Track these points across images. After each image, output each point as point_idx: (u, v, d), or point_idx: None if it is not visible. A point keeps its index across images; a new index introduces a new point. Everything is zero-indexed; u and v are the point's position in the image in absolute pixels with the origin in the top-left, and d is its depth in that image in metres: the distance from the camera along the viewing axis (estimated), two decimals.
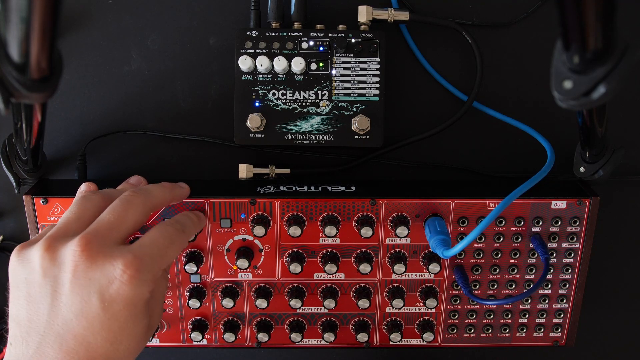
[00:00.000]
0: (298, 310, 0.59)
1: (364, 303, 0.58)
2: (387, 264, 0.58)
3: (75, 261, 0.41)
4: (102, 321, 0.41)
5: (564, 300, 0.60)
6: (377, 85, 0.56)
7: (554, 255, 0.58)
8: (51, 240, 0.43)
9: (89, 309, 0.41)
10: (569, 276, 0.59)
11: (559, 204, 0.56)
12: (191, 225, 0.51)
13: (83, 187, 0.52)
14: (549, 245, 0.57)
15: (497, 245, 0.57)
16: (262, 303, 0.57)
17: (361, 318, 0.60)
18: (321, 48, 0.56)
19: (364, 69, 0.56)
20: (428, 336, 0.60)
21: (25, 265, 0.43)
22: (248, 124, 0.56)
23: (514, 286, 0.59)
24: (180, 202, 0.54)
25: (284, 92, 0.56)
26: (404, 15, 0.56)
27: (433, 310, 0.60)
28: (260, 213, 0.55)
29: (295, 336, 0.59)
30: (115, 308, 0.42)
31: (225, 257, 0.57)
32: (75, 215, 0.46)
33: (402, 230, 0.55)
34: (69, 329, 0.41)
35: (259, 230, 0.55)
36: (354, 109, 0.57)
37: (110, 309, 0.42)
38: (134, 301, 0.42)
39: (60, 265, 0.42)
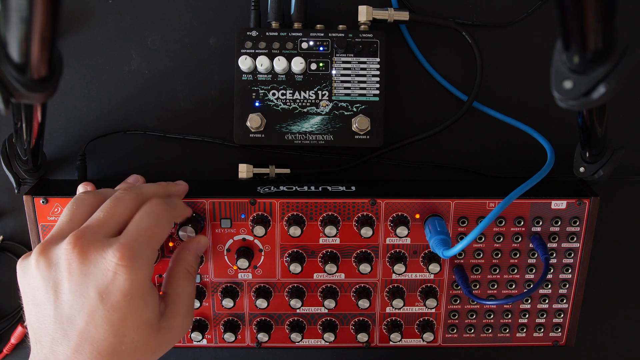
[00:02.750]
0: (298, 310, 0.59)
1: (364, 303, 0.58)
2: (387, 264, 0.58)
3: (68, 259, 0.42)
4: (103, 314, 0.42)
5: (564, 300, 0.60)
6: (377, 85, 0.56)
7: (554, 255, 0.58)
8: (45, 245, 0.44)
9: (89, 304, 0.42)
10: (569, 276, 0.59)
11: (559, 204, 0.56)
12: (174, 194, 0.52)
13: (80, 188, 0.52)
14: (549, 245, 0.57)
15: (497, 245, 0.57)
16: (262, 303, 0.57)
17: (361, 318, 0.60)
18: (321, 48, 0.56)
19: (364, 69, 0.56)
20: (428, 336, 0.60)
21: (26, 272, 0.44)
22: (248, 124, 0.56)
23: (514, 286, 0.59)
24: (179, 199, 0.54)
25: (284, 92, 0.56)
26: (404, 15, 0.56)
27: (433, 310, 0.60)
28: (260, 213, 0.55)
29: (295, 336, 0.59)
30: (113, 299, 0.42)
31: (225, 257, 0.57)
32: (67, 218, 0.46)
33: (402, 230, 0.55)
34: (74, 326, 0.42)
35: (259, 230, 0.55)
36: (354, 109, 0.57)
37: (108, 300, 0.42)
38: (131, 291, 0.43)
39: (55, 266, 0.43)
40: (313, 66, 0.56)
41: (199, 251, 0.52)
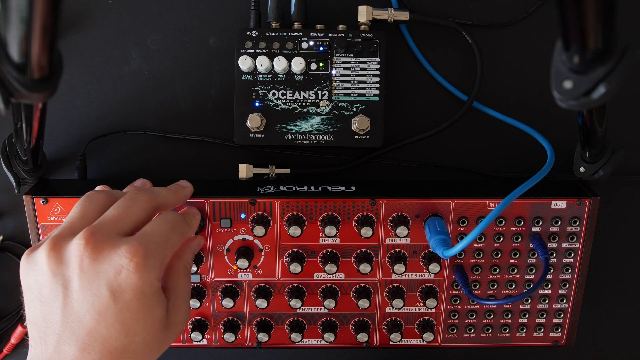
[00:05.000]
0: (298, 310, 0.59)
1: (364, 303, 0.58)
2: (387, 264, 0.58)
3: (81, 255, 0.41)
4: (114, 313, 0.41)
5: (564, 300, 0.60)
6: (377, 85, 0.56)
7: (554, 255, 0.58)
8: (56, 240, 0.43)
9: (100, 302, 0.41)
10: (569, 276, 0.59)
11: (559, 204, 0.56)
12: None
13: (97, 189, 0.52)
14: (549, 245, 0.57)
15: (497, 245, 0.57)
16: (262, 303, 0.57)
17: (361, 318, 0.60)
18: (321, 48, 0.56)
19: (364, 69, 0.56)
20: (428, 336, 0.60)
21: (33, 268, 0.43)
22: (248, 124, 0.56)
23: (514, 286, 0.59)
24: (184, 202, 0.54)
25: (284, 92, 0.56)
26: (404, 15, 0.56)
27: (433, 310, 0.60)
28: (260, 213, 0.55)
29: (295, 336, 0.59)
30: (126, 297, 0.41)
31: (225, 257, 0.57)
32: (79, 214, 0.46)
33: (402, 230, 0.55)
34: (83, 325, 0.41)
35: (259, 230, 0.55)
36: (354, 109, 0.57)
37: (120, 299, 0.41)
38: (143, 289, 0.42)
39: (66, 262, 0.42)
40: (313, 66, 0.56)
41: (196, 251, 0.53)
